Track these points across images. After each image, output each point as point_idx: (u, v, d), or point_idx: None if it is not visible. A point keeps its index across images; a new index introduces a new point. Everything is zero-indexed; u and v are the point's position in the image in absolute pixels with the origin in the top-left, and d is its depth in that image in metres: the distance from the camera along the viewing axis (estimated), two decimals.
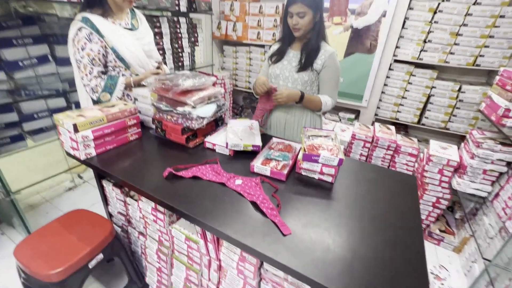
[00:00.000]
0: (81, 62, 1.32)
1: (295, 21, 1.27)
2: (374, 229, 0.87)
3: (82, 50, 1.30)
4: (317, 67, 1.36)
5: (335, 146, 1.14)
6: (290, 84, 1.42)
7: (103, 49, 1.34)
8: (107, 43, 1.34)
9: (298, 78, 1.39)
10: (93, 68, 1.34)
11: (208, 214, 0.89)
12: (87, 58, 1.31)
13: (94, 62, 1.33)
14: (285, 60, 1.43)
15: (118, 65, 1.42)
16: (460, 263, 1.73)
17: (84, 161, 1.16)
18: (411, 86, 2.38)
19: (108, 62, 1.40)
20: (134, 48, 1.42)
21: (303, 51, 1.37)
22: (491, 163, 1.54)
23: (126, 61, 1.41)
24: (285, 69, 1.42)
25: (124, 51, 1.38)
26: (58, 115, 1.14)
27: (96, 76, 1.35)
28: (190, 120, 1.27)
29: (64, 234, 1.13)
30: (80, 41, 1.29)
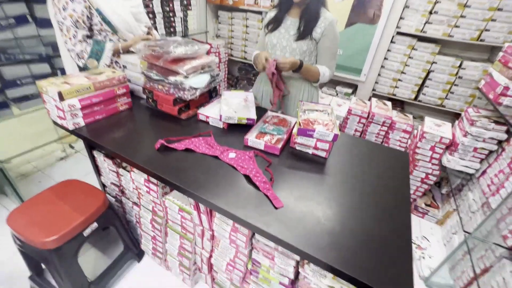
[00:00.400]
0: (64, 24, 1.21)
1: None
2: (364, 203, 0.89)
3: (63, 11, 1.19)
4: (316, 35, 1.28)
5: (330, 121, 1.12)
6: (288, 54, 1.35)
7: (87, 10, 1.23)
8: (91, 3, 1.22)
9: (297, 48, 1.31)
10: (77, 31, 1.23)
11: (201, 187, 0.89)
12: (70, 20, 1.20)
13: (78, 24, 1.23)
14: (282, 28, 1.34)
15: (105, 29, 1.31)
16: (441, 235, 1.83)
17: (72, 131, 1.13)
18: (412, 60, 2.31)
19: (94, 25, 1.29)
20: (121, 11, 1.30)
21: (302, 18, 1.28)
22: (483, 141, 1.56)
23: (113, 24, 1.30)
24: (282, 38, 1.34)
25: (111, 13, 1.27)
26: (41, 82, 1.08)
27: (81, 40, 1.25)
28: (182, 90, 1.22)
29: (57, 203, 1.13)
30: (61, 0, 1.18)
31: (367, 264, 0.69)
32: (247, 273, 1.08)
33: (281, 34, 1.34)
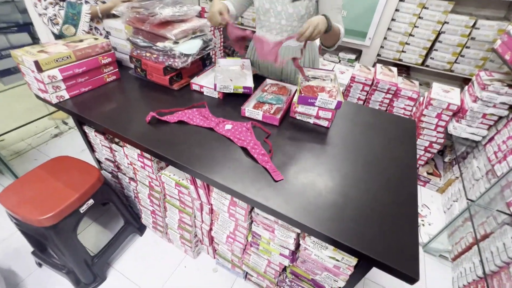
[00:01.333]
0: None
1: None
2: (368, 174, 0.84)
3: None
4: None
5: (334, 88, 1.04)
6: (284, 21, 1.15)
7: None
8: None
9: (294, 13, 1.12)
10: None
11: (196, 161, 0.84)
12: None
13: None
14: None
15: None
16: (441, 202, 1.83)
17: (56, 104, 1.05)
18: (422, 21, 2.14)
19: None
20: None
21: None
22: (493, 107, 1.48)
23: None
24: (276, 1, 1.12)
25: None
26: (15, 51, 0.98)
27: (52, 2, 1.12)
28: (172, 57, 1.12)
29: (50, 180, 1.10)
30: None
31: (371, 236, 0.66)
32: (247, 245, 1.08)
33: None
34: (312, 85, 1.04)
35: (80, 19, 1.16)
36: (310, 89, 1.02)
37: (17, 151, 1.97)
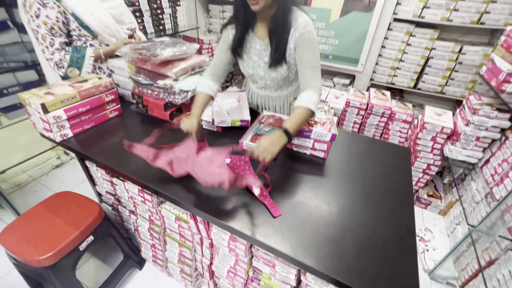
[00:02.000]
0: (38, 32, 1.14)
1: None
2: (366, 205, 0.86)
3: (36, 18, 1.11)
4: (291, 53, 1.01)
5: (328, 120, 1.07)
6: (269, 82, 1.14)
7: (62, 15, 1.15)
8: (65, 8, 1.14)
9: (277, 76, 1.08)
10: (53, 39, 1.16)
11: (195, 197, 0.85)
12: (45, 27, 1.13)
13: (53, 31, 1.15)
14: (254, 56, 1.08)
15: (84, 34, 1.24)
16: (444, 225, 1.81)
17: (60, 143, 1.09)
18: (410, 48, 2.24)
19: (72, 30, 1.22)
20: (100, 14, 1.22)
21: (272, 39, 0.98)
22: (485, 130, 1.51)
23: (92, 29, 1.22)
24: (257, 67, 1.10)
25: (87, 18, 1.19)
26: (23, 94, 1.03)
27: (59, 48, 1.18)
28: (173, 94, 1.17)
29: (51, 217, 1.10)
30: (32, 6, 1.10)
31: (371, 273, 0.66)
32: (248, 280, 1.06)
33: (255, 63, 1.09)
34: None
35: (84, 62, 1.22)
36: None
37: (18, 183, 1.98)
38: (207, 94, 1.08)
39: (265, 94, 1.25)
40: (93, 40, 1.27)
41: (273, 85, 1.17)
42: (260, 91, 1.25)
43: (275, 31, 0.95)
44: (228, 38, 1.07)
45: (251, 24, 1.03)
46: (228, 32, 1.07)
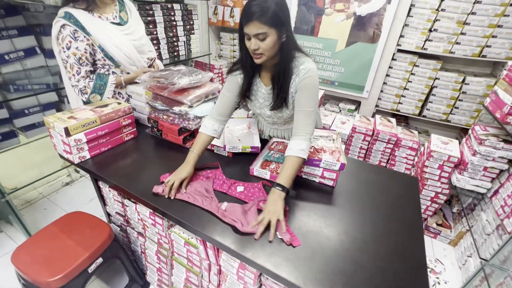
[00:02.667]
0: (67, 61, 1.24)
1: (254, 45, 0.90)
2: (376, 237, 0.86)
3: (67, 49, 1.21)
4: (292, 95, 1.05)
5: (336, 149, 1.11)
6: (276, 119, 1.20)
7: (90, 47, 1.25)
8: (93, 41, 1.24)
9: (282, 116, 1.15)
10: (80, 68, 1.25)
11: (206, 223, 0.87)
12: (74, 57, 1.23)
13: (81, 61, 1.25)
14: (261, 98, 1.14)
15: (107, 63, 1.33)
16: (455, 256, 1.76)
17: (78, 164, 1.13)
18: (414, 77, 2.32)
19: (97, 60, 1.32)
20: (124, 46, 1.32)
21: (275, 88, 1.04)
22: (493, 160, 1.52)
23: (115, 59, 1.32)
24: (263, 107, 1.16)
25: (113, 50, 1.29)
26: (48, 118, 1.09)
27: (84, 76, 1.27)
28: (187, 120, 1.23)
29: (62, 238, 1.12)
30: (65, 39, 1.20)
31: None
32: None
33: (262, 104, 1.15)
34: (316, 146, 1.11)
35: (106, 88, 1.31)
36: (314, 150, 1.09)
37: (28, 200, 2.01)
38: (210, 136, 1.10)
39: (274, 128, 1.32)
40: (116, 68, 1.36)
41: (280, 122, 1.23)
42: (269, 125, 1.32)
43: (277, 79, 1.00)
44: (237, 81, 1.10)
45: (257, 70, 1.09)
46: (237, 76, 1.10)
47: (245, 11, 0.88)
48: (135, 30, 1.39)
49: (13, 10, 1.60)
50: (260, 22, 0.86)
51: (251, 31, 0.88)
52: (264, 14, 0.85)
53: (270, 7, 0.85)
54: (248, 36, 0.91)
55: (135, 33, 1.39)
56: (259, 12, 0.85)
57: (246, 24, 0.88)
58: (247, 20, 0.87)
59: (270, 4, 0.85)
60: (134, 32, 1.39)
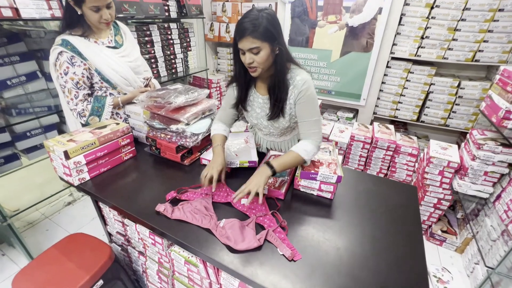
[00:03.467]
0: (65, 86, 1.27)
1: (249, 59, 0.95)
2: (376, 250, 0.85)
3: (65, 75, 1.24)
4: (291, 107, 1.10)
5: (333, 161, 1.11)
6: (272, 130, 1.23)
7: (87, 71, 1.28)
8: (90, 65, 1.27)
9: (279, 126, 1.18)
10: (78, 92, 1.28)
11: (204, 242, 0.87)
12: (71, 82, 1.26)
13: (78, 85, 1.28)
14: (257, 108, 1.18)
15: (105, 86, 1.36)
16: (462, 264, 1.72)
17: (78, 186, 1.14)
18: (409, 83, 2.34)
19: (94, 83, 1.35)
20: (120, 68, 1.35)
21: (271, 98, 1.09)
22: (492, 165, 1.52)
23: (112, 81, 1.35)
24: (260, 118, 1.20)
25: (109, 72, 1.32)
26: (48, 142, 1.11)
27: (82, 99, 1.30)
28: (184, 138, 1.25)
29: (63, 261, 1.11)
30: (62, 65, 1.23)
31: None
32: None
33: (259, 114, 1.19)
34: (313, 159, 1.12)
35: (104, 110, 1.33)
36: (311, 162, 1.10)
37: (30, 221, 2.02)
38: (223, 135, 1.20)
39: (271, 140, 1.33)
40: (113, 90, 1.39)
41: (277, 133, 1.26)
42: (265, 137, 1.33)
43: (273, 89, 1.05)
44: (233, 94, 1.18)
45: (252, 82, 1.14)
46: (233, 89, 1.17)
47: (238, 28, 0.93)
48: (130, 52, 1.42)
49: (15, 37, 1.66)
50: (253, 37, 0.91)
51: (244, 46, 0.94)
52: (256, 30, 0.90)
53: (261, 23, 0.91)
54: (242, 51, 0.96)
55: (130, 55, 1.42)
56: (251, 28, 0.90)
57: (240, 40, 0.94)
58: (241, 36, 0.92)
59: (261, 20, 0.91)
60: (130, 54, 1.42)
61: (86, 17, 1.23)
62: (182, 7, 2.33)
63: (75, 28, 1.26)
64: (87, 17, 1.23)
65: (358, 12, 2.26)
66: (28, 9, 1.39)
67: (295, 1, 2.48)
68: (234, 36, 0.96)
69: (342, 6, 2.30)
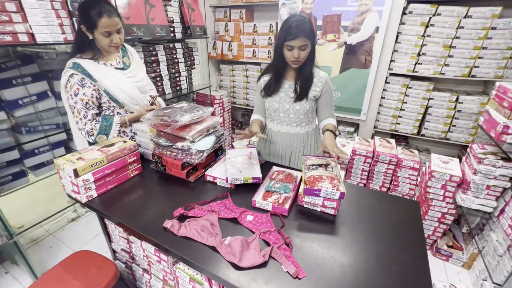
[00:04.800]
0: (75, 107, 1.33)
1: (297, 54, 1.22)
2: (381, 266, 0.86)
3: (75, 96, 1.31)
4: (316, 94, 1.36)
5: (335, 177, 1.13)
6: (292, 115, 1.42)
7: (96, 92, 1.35)
8: (99, 86, 1.34)
9: (300, 109, 1.39)
10: (87, 112, 1.34)
11: (210, 259, 0.88)
12: (81, 103, 1.32)
13: (88, 106, 1.34)
14: (282, 92, 1.40)
15: (112, 105, 1.42)
16: (470, 280, 1.69)
17: (85, 203, 1.16)
18: (408, 98, 2.39)
19: (102, 103, 1.41)
20: (127, 88, 1.42)
21: (298, 81, 1.35)
22: (494, 179, 1.53)
23: (120, 101, 1.41)
24: (283, 101, 1.40)
25: (117, 92, 1.39)
26: (58, 160, 1.15)
27: (91, 119, 1.36)
28: (190, 155, 1.28)
29: (68, 280, 1.12)
30: (73, 87, 1.29)
31: None
32: None
33: (282, 98, 1.40)
34: (315, 175, 1.14)
35: (111, 128, 1.39)
36: (314, 179, 1.12)
37: (34, 238, 2.02)
38: (260, 120, 1.50)
39: (285, 131, 1.47)
40: (120, 109, 1.45)
41: (295, 119, 1.43)
42: (281, 127, 1.48)
43: (303, 77, 1.32)
44: (261, 85, 1.44)
45: (283, 73, 1.38)
46: (261, 80, 1.45)
47: (290, 29, 1.18)
48: (137, 73, 1.49)
49: (28, 59, 1.74)
50: (305, 36, 1.17)
51: (297, 43, 1.19)
52: (307, 30, 1.17)
53: (308, 24, 1.19)
54: (290, 48, 1.21)
55: (137, 75, 1.49)
56: (303, 28, 1.16)
57: (293, 38, 1.18)
58: (295, 35, 1.17)
59: (308, 22, 1.20)
60: (136, 75, 1.49)
61: (97, 42, 1.31)
62: (187, 28, 2.44)
63: (86, 52, 1.33)
64: (98, 42, 1.31)
65: (356, 30, 2.35)
66: (43, 34, 1.47)
67: None
68: (283, 36, 1.20)
69: (340, 25, 2.39)
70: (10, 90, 1.65)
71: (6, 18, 1.33)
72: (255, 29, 2.89)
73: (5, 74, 1.63)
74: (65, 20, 1.54)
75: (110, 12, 1.23)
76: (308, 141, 1.51)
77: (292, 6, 2.54)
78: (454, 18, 2.02)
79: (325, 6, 2.41)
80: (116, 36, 1.30)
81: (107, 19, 1.23)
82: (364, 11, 2.27)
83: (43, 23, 1.46)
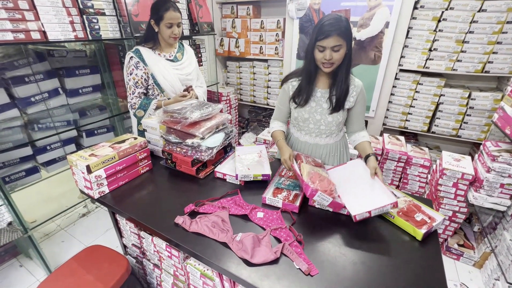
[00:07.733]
0: (128, 84, 1.59)
1: (329, 55, 1.07)
2: (393, 267, 0.85)
3: (129, 75, 1.56)
4: (350, 104, 1.23)
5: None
6: (323, 126, 1.30)
7: (145, 75, 1.58)
8: (148, 70, 1.57)
9: (333, 121, 1.27)
10: (135, 89, 1.59)
11: (221, 255, 0.88)
12: (133, 81, 1.57)
13: (137, 84, 1.58)
14: (313, 102, 1.26)
15: (155, 88, 1.63)
16: (482, 280, 1.67)
17: (98, 199, 1.18)
18: (419, 94, 2.34)
19: (149, 85, 1.63)
20: (170, 77, 1.62)
21: (333, 90, 1.20)
22: (508, 177, 1.49)
23: (161, 86, 1.62)
24: (314, 112, 1.27)
25: (160, 78, 1.60)
26: (71, 156, 1.17)
27: (137, 96, 1.60)
28: (200, 152, 1.28)
29: (81, 274, 1.14)
30: (130, 67, 1.56)
31: None
32: None
33: (313, 108, 1.27)
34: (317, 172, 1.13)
35: (149, 107, 1.60)
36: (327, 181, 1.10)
37: (47, 232, 2.06)
38: (281, 131, 1.38)
39: (314, 142, 1.37)
40: (161, 93, 1.66)
41: (325, 131, 1.32)
42: (310, 138, 1.37)
43: (339, 85, 1.18)
44: (288, 90, 1.32)
45: (315, 79, 1.25)
46: (289, 84, 1.31)
47: (323, 28, 1.05)
48: (185, 67, 1.70)
49: (40, 56, 1.76)
50: (338, 35, 1.04)
51: (329, 43, 1.05)
52: (341, 29, 1.04)
53: (344, 23, 1.05)
54: (322, 48, 1.08)
55: (184, 70, 1.69)
56: (336, 27, 1.03)
57: (325, 38, 1.05)
58: (327, 35, 1.04)
59: (344, 21, 1.05)
60: (183, 69, 1.69)
61: (161, 33, 1.54)
62: (195, 25, 2.43)
63: (149, 42, 1.59)
64: (161, 33, 1.54)
65: (365, 26, 2.31)
66: (55, 32, 1.48)
67: (302, 17, 2.56)
68: (315, 36, 1.08)
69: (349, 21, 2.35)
70: (22, 87, 1.68)
71: (19, 16, 1.34)
72: (262, 25, 2.86)
73: (17, 71, 1.66)
74: (75, 17, 1.55)
75: (174, 7, 1.50)
76: (338, 150, 1.40)
77: (300, 2, 2.51)
78: (468, 12, 1.97)
79: (334, 1, 2.37)
80: (176, 28, 1.53)
81: (172, 12, 1.48)
82: (374, 6, 2.22)
83: (55, 20, 1.47)
